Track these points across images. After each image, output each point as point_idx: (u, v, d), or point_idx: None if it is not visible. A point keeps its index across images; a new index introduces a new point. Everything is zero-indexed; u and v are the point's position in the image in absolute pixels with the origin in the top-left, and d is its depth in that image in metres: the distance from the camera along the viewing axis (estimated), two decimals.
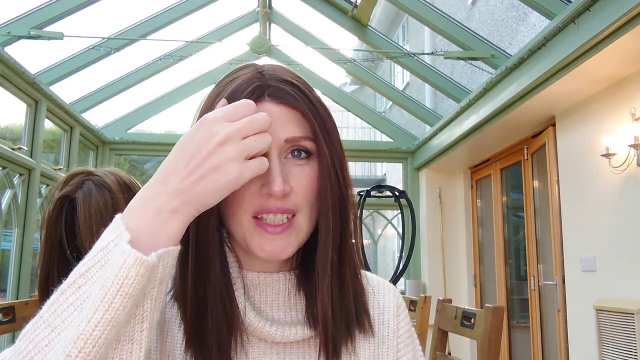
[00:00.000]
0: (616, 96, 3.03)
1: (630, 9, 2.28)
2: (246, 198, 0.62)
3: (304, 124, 0.64)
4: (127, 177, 1.28)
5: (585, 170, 3.29)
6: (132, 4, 11.85)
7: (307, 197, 0.64)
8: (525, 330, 4.26)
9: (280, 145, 0.62)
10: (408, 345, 0.75)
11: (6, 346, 3.44)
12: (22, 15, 3.49)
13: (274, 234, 0.62)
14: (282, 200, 0.62)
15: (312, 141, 0.64)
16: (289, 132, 0.63)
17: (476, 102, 3.93)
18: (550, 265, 3.80)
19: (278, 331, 0.66)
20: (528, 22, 4.42)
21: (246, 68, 0.68)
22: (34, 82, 3.60)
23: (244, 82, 0.64)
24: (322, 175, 0.64)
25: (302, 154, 0.64)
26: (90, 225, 1.17)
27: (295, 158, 0.64)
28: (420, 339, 2.08)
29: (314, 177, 0.64)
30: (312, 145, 0.64)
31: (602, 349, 2.97)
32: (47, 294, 1.20)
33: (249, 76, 0.65)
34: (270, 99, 0.63)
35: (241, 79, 0.65)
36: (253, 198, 0.62)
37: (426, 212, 5.34)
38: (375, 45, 4.50)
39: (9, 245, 3.54)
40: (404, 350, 0.75)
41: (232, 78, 0.66)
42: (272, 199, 0.62)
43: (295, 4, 4.47)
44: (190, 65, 5.76)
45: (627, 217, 2.94)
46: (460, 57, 3.85)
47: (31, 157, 3.67)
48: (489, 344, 1.37)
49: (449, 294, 5.11)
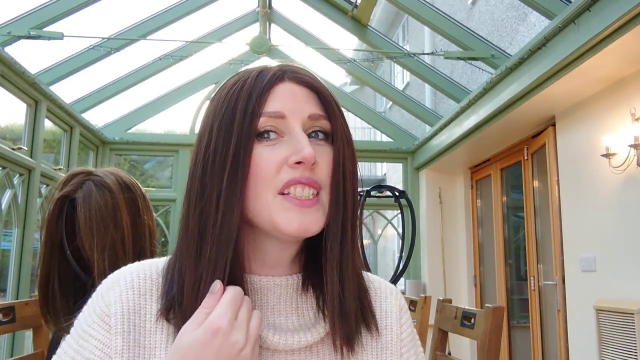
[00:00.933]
0: (616, 96, 3.03)
1: (630, 9, 2.28)
2: (272, 173, 0.62)
3: (321, 105, 0.66)
4: (127, 177, 1.28)
5: (585, 170, 3.29)
6: (132, 4, 11.85)
7: (329, 175, 0.64)
8: (525, 330, 4.26)
9: (304, 120, 0.64)
10: (411, 349, 0.75)
11: (6, 346, 3.45)
12: (22, 15, 3.49)
13: (303, 208, 0.62)
14: (310, 171, 0.62)
15: (328, 121, 0.66)
16: (311, 109, 0.65)
17: (476, 102, 3.93)
18: (550, 265, 3.80)
19: (281, 339, 0.64)
20: (528, 22, 4.42)
21: (257, 67, 0.69)
22: (34, 82, 3.60)
23: (263, 71, 0.66)
24: (336, 158, 0.65)
25: (320, 135, 0.66)
26: (90, 225, 1.17)
27: (314, 139, 0.65)
28: (421, 339, 2.08)
29: (331, 158, 0.65)
30: (328, 126, 0.66)
31: (602, 349, 2.97)
32: (47, 294, 1.20)
33: (264, 67, 0.68)
34: (290, 80, 0.66)
35: (257, 70, 0.67)
36: (280, 172, 0.62)
37: (426, 212, 5.34)
38: (375, 45, 4.50)
39: (9, 245, 3.54)
40: (407, 355, 0.74)
41: (247, 75, 0.67)
42: (301, 169, 0.62)
43: (295, 4, 4.47)
44: (190, 65, 5.77)
45: (627, 217, 2.94)
46: (460, 57, 3.85)
47: (31, 157, 3.67)
48: (489, 344, 1.37)
49: (449, 294, 5.11)
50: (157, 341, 0.63)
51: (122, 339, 0.62)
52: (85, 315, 0.66)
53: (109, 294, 0.65)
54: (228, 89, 0.67)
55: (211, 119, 0.66)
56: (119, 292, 0.65)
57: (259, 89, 0.64)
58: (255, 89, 0.64)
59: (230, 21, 4.88)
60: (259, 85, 0.64)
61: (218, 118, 0.64)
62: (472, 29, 4.06)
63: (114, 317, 0.63)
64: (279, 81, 0.65)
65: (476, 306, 5.03)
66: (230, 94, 0.65)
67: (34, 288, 3.42)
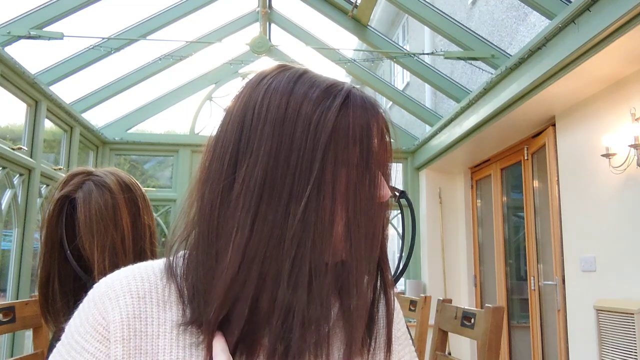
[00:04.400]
0: (616, 96, 3.03)
1: (630, 9, 2.28)
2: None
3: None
4: (127, 177, 1.28)
5: (585, 170, 3.29)
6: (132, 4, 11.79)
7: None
8: (525, 330, 4.26)
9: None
10: (405, 348, 0.75)
11: (6, 346, 3.45)
12: (22, 15, 3.49)
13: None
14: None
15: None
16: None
17: (476, 102, 3.93)
18: (550, 265, 3.79)
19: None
20: (528, 22, 4.42)
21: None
22: (34, 82, 3.60)
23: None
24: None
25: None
26: (90, 225, 1.17)
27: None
28: (421, 339, 2.08)
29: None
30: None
31: (602, 349, 2.97)
32: (47, 294, 1.20)
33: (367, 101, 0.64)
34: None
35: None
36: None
37: (426, 212, 5.34)
38: (375, 45, 4.50)
39: (9, 245, 3.54)
40: (402, 352, 0.74)
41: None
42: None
43: (295, 4, 4.47)
44: (190, 65, 5.77)
45: (627, 217, 2.93)
46: (460, 57, 3.85)
47: (31, 157, 3.67)
48: (489, 344, 1.37)
49: (449, 294, 5.11)
50: (161, 346, 0.60)
51: (122, 347, 0.59)
52: (77, 324, 0.62)
53: (103, 300, 0.61)
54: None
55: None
56: (115, 298, 0.61)
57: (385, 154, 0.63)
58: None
59: (230, 21, 4.88)
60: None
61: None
62: (472, 29, 4.06)
63: (113, 325, 0.59)
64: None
65: (476, 306, 5.03)
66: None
67: (34, 288, 3.42)
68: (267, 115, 0.59)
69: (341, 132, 0.59)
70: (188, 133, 5.47)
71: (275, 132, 0.58)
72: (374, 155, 0.60)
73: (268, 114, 0.59)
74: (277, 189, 0.57)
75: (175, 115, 6.14)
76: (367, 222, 0.59)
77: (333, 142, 0.58)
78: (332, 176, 0.58)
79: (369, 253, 0.60)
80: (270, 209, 0.57)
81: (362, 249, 0.59)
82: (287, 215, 0.57)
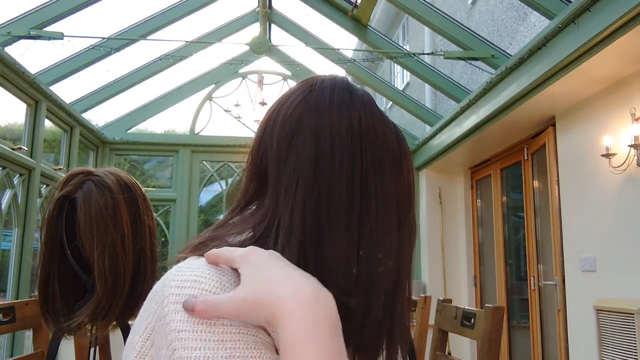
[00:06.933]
0: (616, 96, 3.03)
1: (630, 9, 2.28)
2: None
3: None
4: (127, 177, 1.28)
5: (585, 170, 3.29)
6: (132, 4, 11.74)
7: None
8: (525, 330, 4.26)
9: None
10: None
11: (6, 346, 3.45)
12: (22, 15, 3.49)
13: None
14: None
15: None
16: None
17: (476, 102, 3.93)
18: (550, 265, 3.79)
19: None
20: (528, 22, 4.42)
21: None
22: (34, 82, 3.60)
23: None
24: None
25: None
26: (90, 226, 1.17)
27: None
28: (421, 339, 2.08)
29: None
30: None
31: (602, 349, 2.97)
32: (47, 294, 1.20)
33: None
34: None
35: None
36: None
37: (426, 212, 5.34)
38: (375, 45, 4.50)
39: (9, 245, 3.54)
40: None
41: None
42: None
43: (295, 4, 4.47)
44: (190, 65, 5.76)
45: (627, 217, 2.94)
46: (460, 57, 3.85)
47: (31, 157, 3.67)
48: (489, 344, 1.37)
49: (449, 294, 5.10)
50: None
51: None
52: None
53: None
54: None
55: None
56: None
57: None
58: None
59: (230, 21, 4.88)
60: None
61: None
62: (472, 29, 4.06)
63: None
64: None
65: (476, 306, 5.03)
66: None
67: (34, 288, 3.41)
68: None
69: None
70: (188, 133, 5.47)
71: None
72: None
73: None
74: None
75: (175, 115, 6.14)
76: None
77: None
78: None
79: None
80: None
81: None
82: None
